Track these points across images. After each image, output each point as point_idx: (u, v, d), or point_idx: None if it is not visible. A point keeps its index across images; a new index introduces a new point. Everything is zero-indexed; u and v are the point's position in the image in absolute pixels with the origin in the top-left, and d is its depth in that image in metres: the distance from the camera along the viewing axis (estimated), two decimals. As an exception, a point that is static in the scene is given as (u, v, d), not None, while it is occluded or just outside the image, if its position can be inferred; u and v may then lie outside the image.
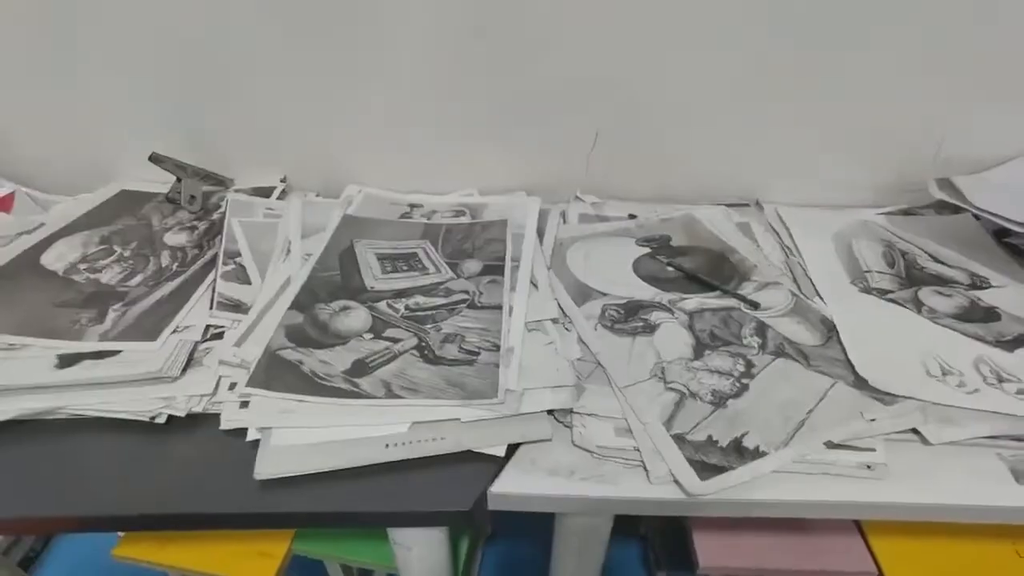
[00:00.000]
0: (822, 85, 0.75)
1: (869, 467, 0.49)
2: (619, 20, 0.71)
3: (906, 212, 0.86)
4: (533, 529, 1.17)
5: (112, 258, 0.71)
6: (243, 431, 0.51)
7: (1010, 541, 0.65)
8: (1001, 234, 0.77)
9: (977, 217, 0.78)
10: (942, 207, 0.82)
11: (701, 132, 0.81)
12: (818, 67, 0.74)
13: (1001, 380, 0.56)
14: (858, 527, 0.76)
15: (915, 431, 0.52)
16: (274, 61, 0.77)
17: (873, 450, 0.50)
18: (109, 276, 0.68)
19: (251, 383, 0.52)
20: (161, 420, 0.52)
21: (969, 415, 0.53)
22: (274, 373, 0.53)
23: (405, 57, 0.75)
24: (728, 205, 0.85)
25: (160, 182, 0.86)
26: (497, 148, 0.83)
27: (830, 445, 0.50)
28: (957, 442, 0.51)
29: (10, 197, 0.86)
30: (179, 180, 0.81)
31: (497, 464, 0.48)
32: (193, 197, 0.81)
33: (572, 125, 0.81)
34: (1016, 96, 0.76)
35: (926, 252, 0.76)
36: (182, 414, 0.52)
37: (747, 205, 0.86)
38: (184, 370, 0.55)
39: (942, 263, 0.74)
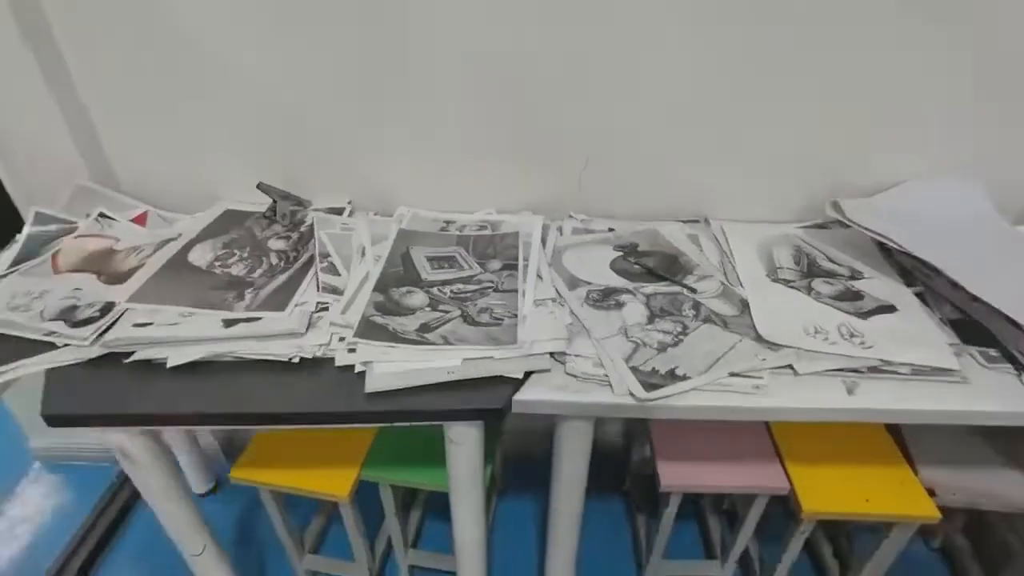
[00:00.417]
0: (754, 127, 1.04)
1: (757, 387, 0.77)
2: (601, 88, 1.00)
3: (819, 226, 1.14)
4: (535, 489, 1.44)
5: (235, 258, 0.99)
6: (350, 368, 0.78)
7: (850, 430, 0.94)
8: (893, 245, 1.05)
9: (861, 229, 1.06)
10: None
11: (662, 167, 1.10)
12: (749, 114, 1.03)
13: (852, 336, 0.84)
14: (779, 457, 1.04)
15: (791, 367, 0.80)
16: (344, 113, 1.06)
17: (761, 378, 0.78)
18: (237, 270, 0.96)
19: (356, 335, 0.80)
20: (296, 360, 0.79)
21: (826, 357, 0.80)
22: (370, 330, 0.81)
23: (443, 109, 1.04)
24: (683, 221, 1.13)
25: (253, 203, 1.15)
26: (511, 179, 1.12)
27: (732, 374, 0.77)
28: (815, 372, 0.79)
29: (144, 215, 1.14)
30: (275, 202, 1.09)
31: (517, 384, 0.76)
32: (284, 215, 1.10)
33: (568, 163, 1.10)
34: (903, 136, 1.05)
35: (825, 255, 1.04)
36: (309, 356, 0.80)
37: (698, 221, 1.14)
38: (307, 330, 0.83)
39: (834, 262, 1.02)
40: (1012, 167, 1.08)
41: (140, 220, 1.13)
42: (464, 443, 0.81)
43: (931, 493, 1.00)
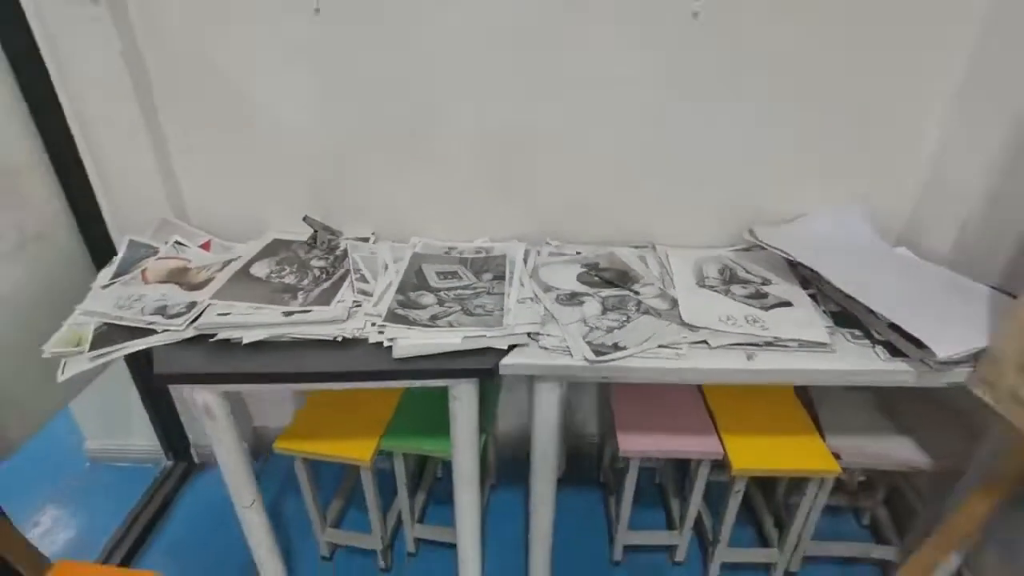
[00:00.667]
0: (689, 174, 1.36)
1: (678, 355, 1.04)
2: (570, 150, 1.33)
3: (745, 249, 1.45)
4: (521, 485, 1.67)
5: (287, 272, 1.28)
6: (379, 344, 1.06)
7: (773, 408, 1.20)
8: (793, 261, 1.35)
9: (773, 250, 1.37)
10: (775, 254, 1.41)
11: (618, 206, 1.41)
12: (685, 164, 1.35)
13: (755, 322, 1.13)
14: (716, 431, 1.30)
15: (706, 342, 1.08)
16: (371, 163, 1.38)
17: (681, 349, 1.06)
18: (289, 280, 1.25)
19: (385, 320, 1.08)
20: (339, 339, 1.07)
21: (733, 335, 1.09)
22: (394, 318, 1.10)
23: (450, 162, 1.36)
24: (634, 247, 1.43)
25: (294, 233, 1.44)
26: (501, 215, 1.43)
27: (661, 346, 1.06)
28: (724, 346, 1.07)
29: (208, 243, 1.44)
30: (316, 232, 1.39)
31: (502, 354, 1.04)
32: (323, 242, 1.39)
33: (545, 204, 1.41)
34: (805, 179, 1.37)
35: (744, 269, 1.34)
36: (349, 337, 1.07)
37: (647, 246, 1.45)
38: (347, 319, 1.11)
39: (750, 274, 1.32)
40: (889, 201, 1.40)
41: (206, 246, 1.43)
42: (463, 398, 1.07)
43: (837, 456, 1.26)
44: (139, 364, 1.61)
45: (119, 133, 1.31)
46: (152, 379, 1.03)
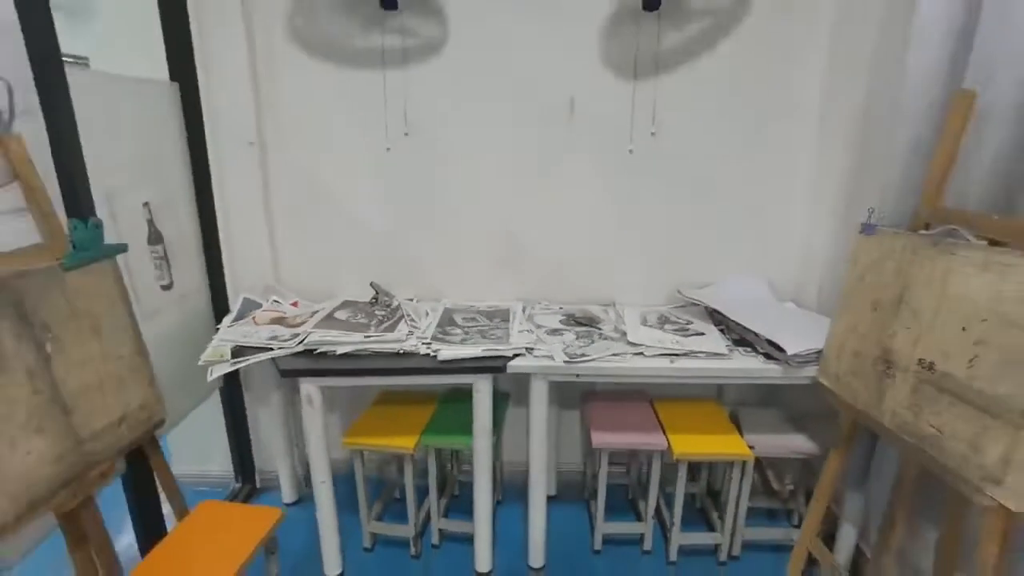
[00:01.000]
0: (638, 252, 1.98)
1: (624, 359, 1.59)
2: (553, 237, 1.96)
3: (680, 305, 2.02)
4: (523, 502, 2.09)
5: (359, 316, 1.85)
6: (427, 355, 1.60)
7: (706, 417, 1.72)
8: (709, 309, 1.93)
9: (696, 303, 1.94)
10: (698, 306, 1.98)
11: (588, 277, 2.01)
12: (635, 245, 1.97)
13: (678, 343, 1.68)
14: (663, 431, 1.79)
15: (642, 353, 1.62)
16: (416, 246, 2.00)
17: (626, 355, 1.60)
18: (362, 320, 1.81)
19: (432, 340, 1.64)
20: (400, 352, 1.61)
21: (661, 349, 1.64)
22: (436, 340, 1.65)
23: (471, 246, 1.98)
24: (601, 304, 2.01)
25: (357, 296, 2.02)
26: (506, 283, 2.03)
27: (613, 354, 1.60)
28: (655, 355, 1.61)
29: (296, 302, 2.01)
30: (377, 293, 1.98)
31: (508, 359, 1.58)
32: (383, 301, 1.97)
33: (536, 276, 2.02)
34: (717, 256, 1.98)
35: (675, 316, 1.91)
36: (408, 351, 1.62)
37: (610, 304, 2.03)
38: (406, 339, 1.66)
39: (679, 319, 1.89)
40: (777, 270, 2.00)
41: (295, 304, 2.00)
42: (482, 390, 1.59)
43: (751, 447, 1.74)
44: (232, 402, 2.11)
45: (246, 223, 1.95)
46: (238, 412, 1.56)
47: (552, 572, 1.84)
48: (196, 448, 2.22)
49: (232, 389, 2.09)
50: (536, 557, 1.83)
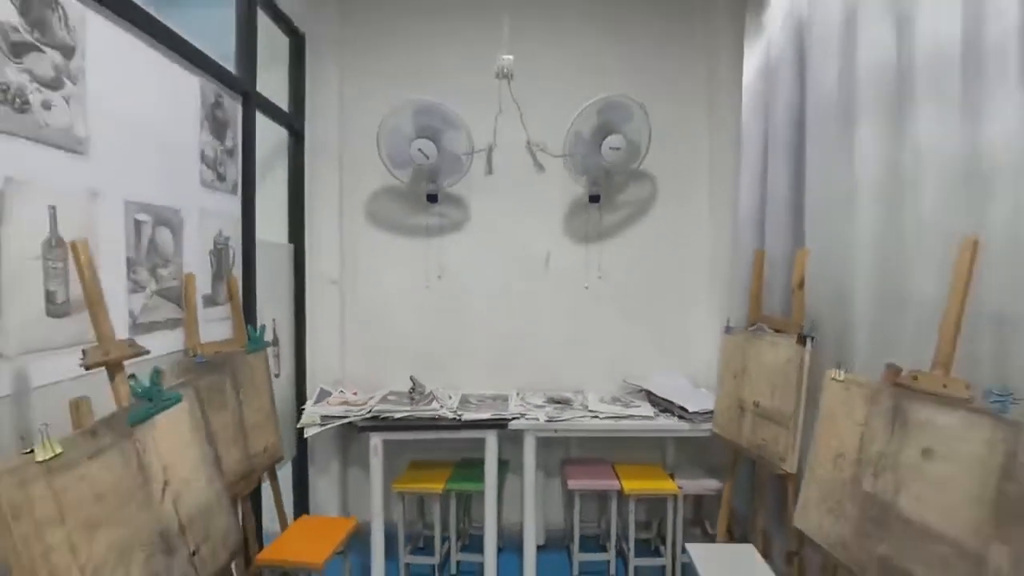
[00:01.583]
0: (595, 355, 2.87)
1: (585, 420, 2.41)
2: (539, 343, 2.86)
3: (629, 392, 2.87)
4: (519, 551, 2.75)
5: (403, 400, 2.66)
6: (454, 419, 2.40)
7: (647, 468, 2.52)
8: (645, 391, 2.77)
9: (637, 388, 2.79)
10: (638, 390, 2.83)
11: (563, 372, 2.88)
12: (594, 351, 2.87)
13: (623, 412, 2.51)
14: (618, 479, 2.56)
15: (597, 416, 2.44)
16: (443, 349, 2.87)
17: (587, 417, 2.42)
18: (406, 401, 2.62)
19: (456, 410, 2.45)
20: (436, 417, 2.42)
21: (610, 413, 2.46)
22: (460, 409, 2.47)
23: (479, 351, 2.86)
24: (572, 391, 2.85)
25: (399, 387, 2.84)
26: (503, 376, 2.88)
27: (576, 418, 2.42)
28: (606, 417, 2.43)
29: (356, 392, 2.82)
30: (414, 385, 2.80)
31: (508, 422, 2.39)
32: (419, 390, 2.79)
33: (526, 371, 2.88)
34: (651, 358, 2.87)
35: (624, 397, 2.75)
36: (440, 415, 2.42)
37: (580, 390, 2.87)
38: (440, 409, 2.47)
39: (625, 398, 2.73)
40: (690, 367, 2.88)
41: (355, 393, 2.81)
42: (490, 444, 2.38)
43: (680, 487, 2.49)
44: (300, 467, 2.81)
45: (325, 335, 2.82)
46: (303, 476, 2.33)
47: (541, 591, 2.46)
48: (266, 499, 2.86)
49: (302, 459, 2.80)
50: (530, 574, 2.47)
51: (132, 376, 1.28)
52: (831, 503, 1.50)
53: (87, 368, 1.17)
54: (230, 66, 2.10)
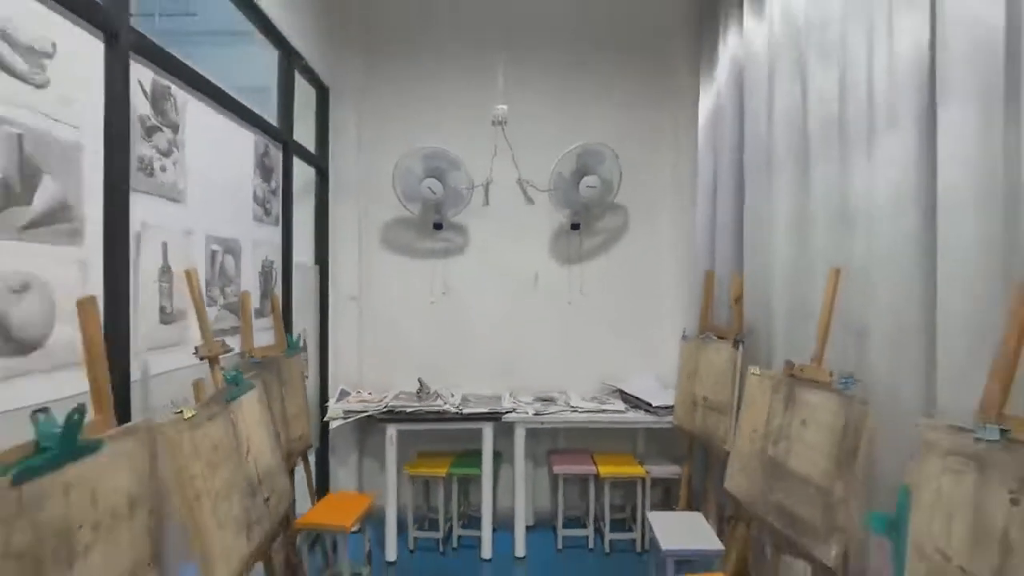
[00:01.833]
0: (579, 361, 3.32)
1: (567, 413, 2.86)
2: (528, 352, 3.32)
3: (607, 393, 3.32)
4: (511, 530, 3.19)
5: (412, 398, 3.11)
6: (456, 413, 2.85)
7: (620, 457, 2.97)
8: (619, 390, 3.22)
9: (613, 388, 3.25)
10: (614, 390, 3.28)
11: (550, 375, 3.33)
12: (577, 358, 3.33)
13: (599, 407, 2.96)
14: (595, 465, 3.02)
15: (576, 410, 2.90)
16: (446, 358, 3.32)
17: (569, 411, 2.87)
18: (415, 399, 3.07)
19: (458, 406, 2.91)
20: (441, 411, 2.87)
21: (588, 408, 2.92)
22: (463, 405, 2.92)
23: (479, 359, 3.32)
24: (557, 391, 3.31)
25: (408, 387, 3.29)
26: (498, 380, 3.33)
27: (561, 411, 2.87)
28: (585, 411, 2.89)
29: (371, 392, 3.27)
30: (421, 385, 3.25)
31: (502, 414, 2.84)
32: (425, 390, 3.24)
33: (518, 375, 3.33)
34: (629, 360, 3.33)
35: (602, 396, 3.21)
36: (445, 410, 2.87)
37: (564, 391, 3.32)
38: (444, 405, 2.92)
39: (602, 396, 3.18)
40: (661, 370, 3.34)
41: (370, 393, 3.25)
42: (487, 433, 2.82)
43: (647, 471, 2.94)
44: (322, 458, 3.24)
45: (345, 343, 3.28)
46: (323, 466, 2.78)
47: (530, 560, 2.89)
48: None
49: (323, 449, 3.24)
50: (519, 550, 2.89)
51: (221, 367, 1.73)
52: (748, 468, 1.95)
53: (201, 359, 1.63)
54: (272, 118, 2.58)
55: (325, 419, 2.88)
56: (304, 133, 3.03)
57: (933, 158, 1.47)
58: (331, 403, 3.04)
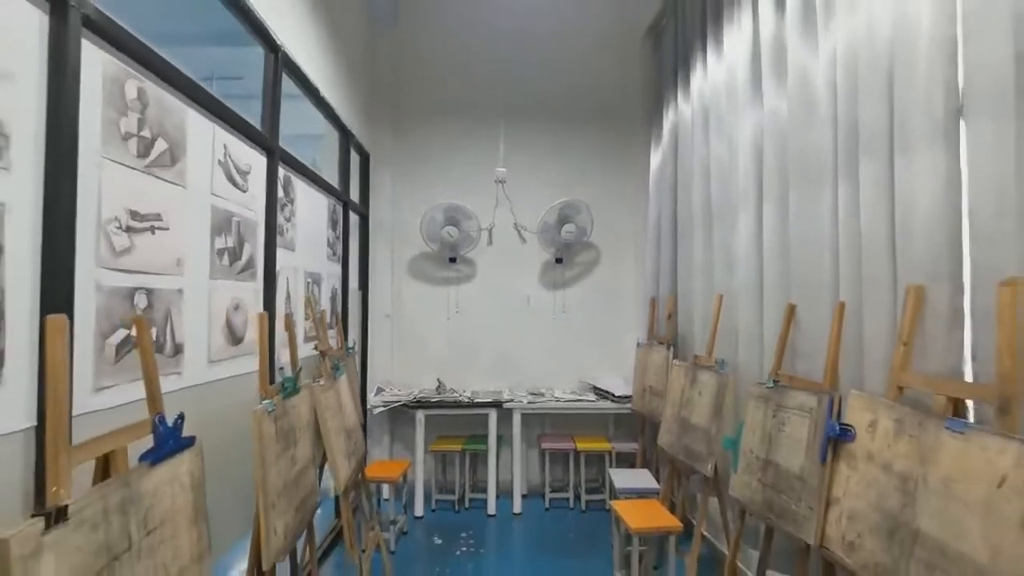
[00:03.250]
0: (563, 362, 4.28)
1: (551, 402, 3.81)
2: (519, 352, 4.27)
3: (586, 389, 4.27)
4: (510, 499, 4.12)
5: (434, 393, 4.04)
6: (468, 401, 3.79)
7: (594, 440, 3.93)
8: (593, 386, 4.17)
9: (588, 384, 4.20)
10: (589, 386, 4.23)
11: (539, 374, 4.28)
12: (562, 359, 4.28)
13: (577, 397, 3.91)
14: (575, 443, 3.98)
15: (559, 400, 3.84)
16: (458, 361, 4.27)
17: (552, 400, 3.82)
18: (430, 395, 4.00)
19: (469, 397, 3.85)
20: (457, 400, 3.80)
21: (569, 397, 3.87)
22: (472, 396, 3.86)
23: (483, 362, 4.27)
24: (544, 387, 4.25)
25: (426, 384, 4.22)
26: (499, 380, 4.28)
27: (546, 400, 3.82)
28: (564, 400, 3.84)
29: (401, 390, 4.20)
30: (439, 383, 4.18)
31: (503, 403, 3.79)
32: (442, 388, 4.18)
33: (517, 373, 4.28)
34: (600, 363, 4.29)
35: (579, 390, 4.16)
36: (460, 400, 3.81)
37: (550, 388, 4.26)
38: (459, 396, 3.86)
39: (578, 391, 4.13)
40: (623, 372, 4.31)
41: (399, 389, 4.19)
42: (492, 418, 3.76)
43: (613, 447, 3.87)
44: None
45: (381, 351, 4.22)
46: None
47: (525, 516, 3.80)
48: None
49: (363, 433, 4.14)
50: (516, 509, 3.81)
51: (324, 356, 2.67)
52: (670, 427, 2.91)
53: (319, 352, 2.58)
54: (333, 180, 3.56)
55: (369, 407, 3.80)
56: (352, 189, 4.02)
57: (760, 231, 2.47)
58: (371, 396, 3.97)
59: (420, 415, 3.78)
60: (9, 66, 1.18)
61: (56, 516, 0.91)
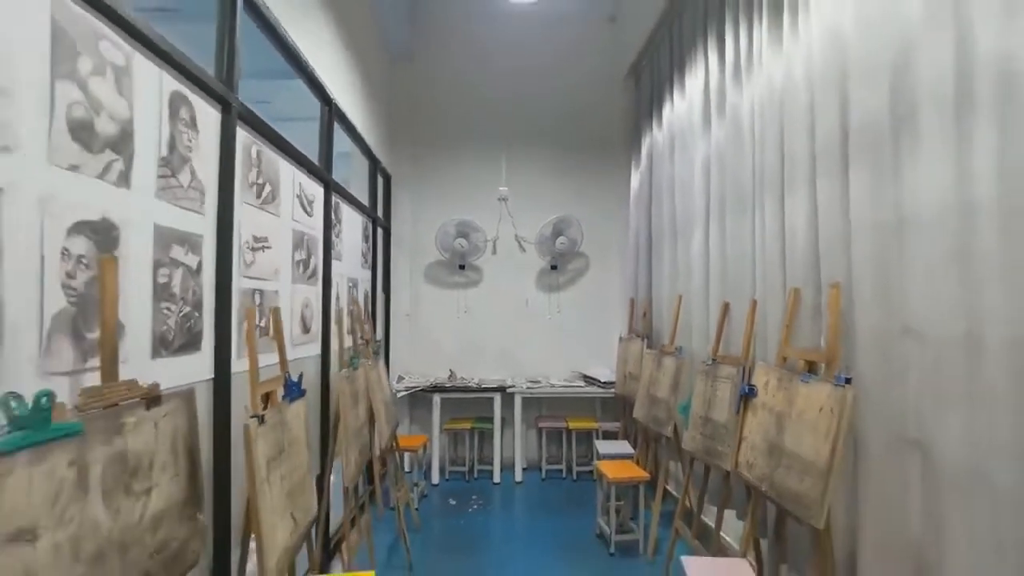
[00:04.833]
0: (558, 355, 4.97)
1: (546, 387, 4.51)
2: (518, 342, 4.97)
3: (578, 377, 4.97)
4: (512, 472, 4.81)
5: (446, 381, 4.74)
6: (476, 386, 4.49)
7: (584, 422, 4.64)
8: (583, 375, 4.87)
9: (580, 373, 4.89)
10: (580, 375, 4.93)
11: (537, 365, 4.97)
12: (557, 352, 4.98)
13: (570, 384, 4.61)
14: (567, 423, 4.69)
15: (553, 386, 4.54)
16: (467, 355, 4.96)
17: (547, 386, 4.52)
18: (447, 383, 4.70)
19: (477, 383, 4.55)
20: (469, 386, 4.50)
21: (562, 384, 4.56)
22: (479, 382, 4.55)
23: (488, 356, 4.96)
24: (542, 376, 4.95)
25: (439, 373, 4.91)
26: (503, 370, 4.97)
27: (543, 386, 4.52)
28: (558, 386, 4.53)
29: (417, 379, 4.89)
30: (452, 373, 4.87)
31: (507, 388, 4.48)
32: (454, 377, 4.87)
33: (517, 364, 4.97)
34: (591, 355, 4.99)
35: (571, 379, 4.86)
36: (470, 385, 4.50)
37: (546, 376, 4.96)
38: (469, 383, 4.55)
39: (571, 379, 4.83)
40: (609, 363, 5.00)
41: (417, 377, 4.88)
42: (496, 401, 4.45)
43: (599, 426, 4.57)
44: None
45: (401, 344, 4.92)
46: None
47: (525, 485, 4.49)
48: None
49: (386, 417, 4.83)
50: (518, 479, 4.49)
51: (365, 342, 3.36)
52: (643, 403, 3.60)
53: (364, 341, 3.28)
54: (364, 199, 4.25)
55: (393, 391, 4.49)
56: (378, 207, 4.73)
57: (707, 245, 3.18)
58: (393, 383, 4.66)
59: (437, 398, 4.47)
60: (206, 146, 1.88)
61: (260, 420, 1.60)
